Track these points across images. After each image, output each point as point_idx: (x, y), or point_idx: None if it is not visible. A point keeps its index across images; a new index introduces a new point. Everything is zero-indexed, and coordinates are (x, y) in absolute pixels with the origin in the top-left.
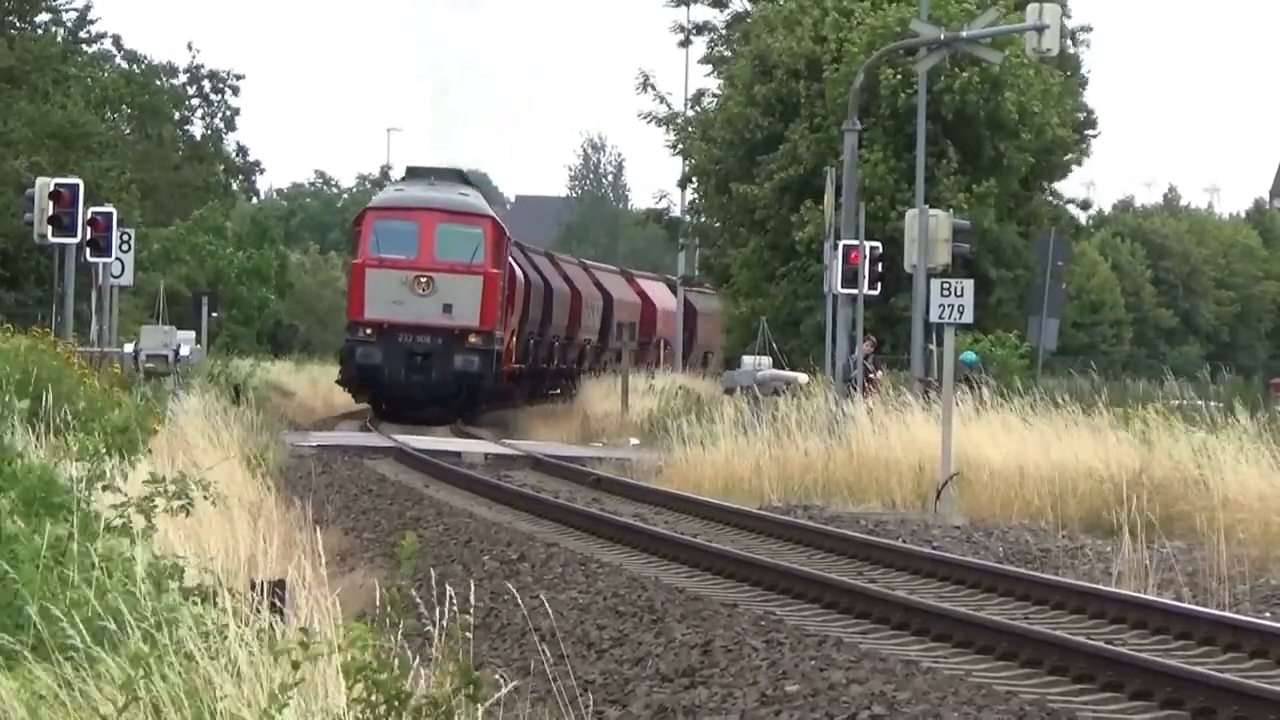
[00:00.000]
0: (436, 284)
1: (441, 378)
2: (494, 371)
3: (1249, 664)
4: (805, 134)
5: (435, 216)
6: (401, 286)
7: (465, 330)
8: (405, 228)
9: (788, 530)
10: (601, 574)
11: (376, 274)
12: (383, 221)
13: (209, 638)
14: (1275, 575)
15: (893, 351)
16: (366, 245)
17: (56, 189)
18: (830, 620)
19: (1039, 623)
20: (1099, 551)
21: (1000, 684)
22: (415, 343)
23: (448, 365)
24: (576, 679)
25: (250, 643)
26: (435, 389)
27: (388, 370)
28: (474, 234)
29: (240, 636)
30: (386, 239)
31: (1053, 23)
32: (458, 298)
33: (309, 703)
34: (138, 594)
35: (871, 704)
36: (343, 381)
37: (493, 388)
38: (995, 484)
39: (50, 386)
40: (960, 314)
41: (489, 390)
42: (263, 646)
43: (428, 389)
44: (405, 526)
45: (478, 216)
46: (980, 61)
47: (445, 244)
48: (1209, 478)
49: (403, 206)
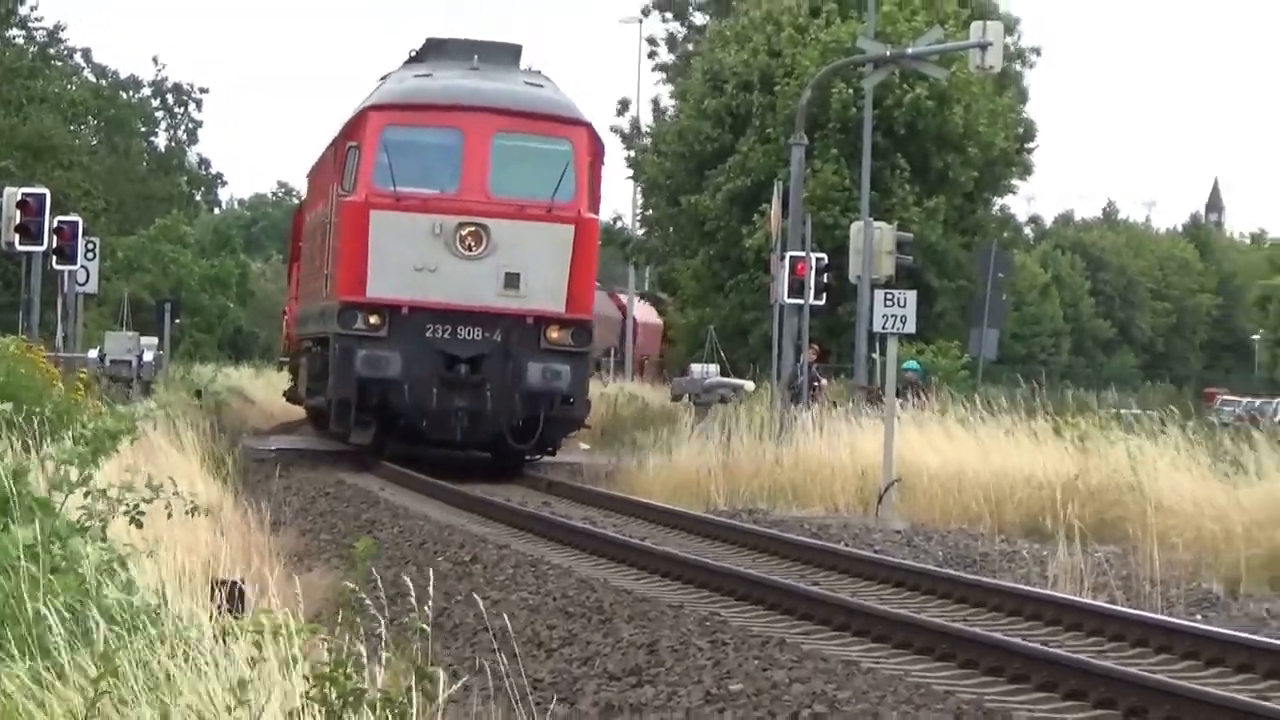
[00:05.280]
0: (493, 238)
1: (502, 401)
2: (586, 388)
3: (1180, 665)
4: (756, 146)
5: (491, 120)
6: (433, 242)
7: (544, 318)
8: (439, 140)
9: (733, 534)
10: (551, 575)
11: (389, 220)
12: (399, 129)
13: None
14: (1207, 579)
15: (838, 360)
16: (370, 170)
17: (24, 198)
18: (774, 621)
19: (977, 624)
20: (1036, 555)
21: (938, 684)
22: (456, 340)
23: (515, 379)
24: (527, 677)
25: (208, 640)
26: (492, 420)
27: (410, 388)
28: (558, 151)
29: (198, 635)
30: (406, 159)
31: (995, 40)
32: (530, 262)
33: (266, 700)
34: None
35: (813, 703)
36: (321, 409)
37: (583, 416)
38: (935, 489)
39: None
40: (903, 324)
41: (578, 420)
42: (220, 643)
43: (479, 420)
44: (361, 529)
45: (563, 121)
46: (930, 77)
47: (510, 169)
48: (1143, 484)
49: (433, 103)
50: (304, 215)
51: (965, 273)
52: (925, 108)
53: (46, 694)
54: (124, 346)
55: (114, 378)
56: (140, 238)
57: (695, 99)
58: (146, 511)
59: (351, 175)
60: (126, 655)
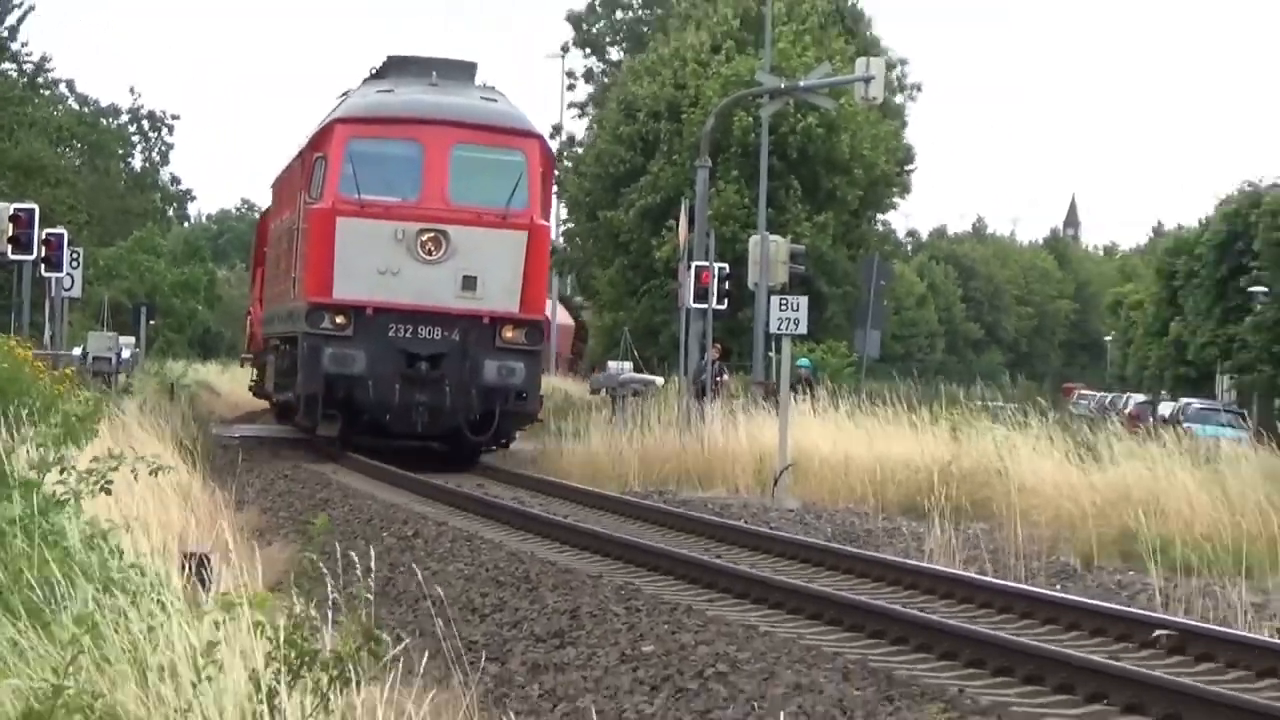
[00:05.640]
0: (452, 243)
1: (461, 396)
2: (539, 384)
3: (1042, 629)
4: (665, 168)
5: (450, 132)
6: (395, 247)
7: (499, 319)
8: (401, 151)
9: (646, 512)
10: (484, 549)
11: (354, 226)
12: (363, 141)
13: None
14: (1064, 553)
15: (739, 358)
16: (336, 179)
17: (15, 213)
18: (682, 590)
19: (862, 593)
20: (914, 532)
21: (828, 646)
22: (417, 339)
23: (472, 376)
24: (462, 639)
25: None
26: (451, 414)
27: (374, 384)
28: (512, 162)
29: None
30: (370, 169)
31: (878, 75)
32: (487, 266)
33: (232, 657)
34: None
35: (716, 663)
36: (289, 403)
37: (536, 410)
38: (825, 473)
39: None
40: (796, 326)
41: (531, 414)
42: (190, 609)
43: (439, 415)
44: (315, 507)
45: (516, 133)
46: (820, 107)
47: (467, 178)
48: (1009, 468)
49: (395, 116)
50: (268, 223)
51: (851, 280)
52: (816, 134)
53: (33, 653)
54: (105, 345)
55: (96, 373)
56: (119, 248)
57: (611, 126)
58: (114, 480)
59: (319, 184)
60: (106, 618)
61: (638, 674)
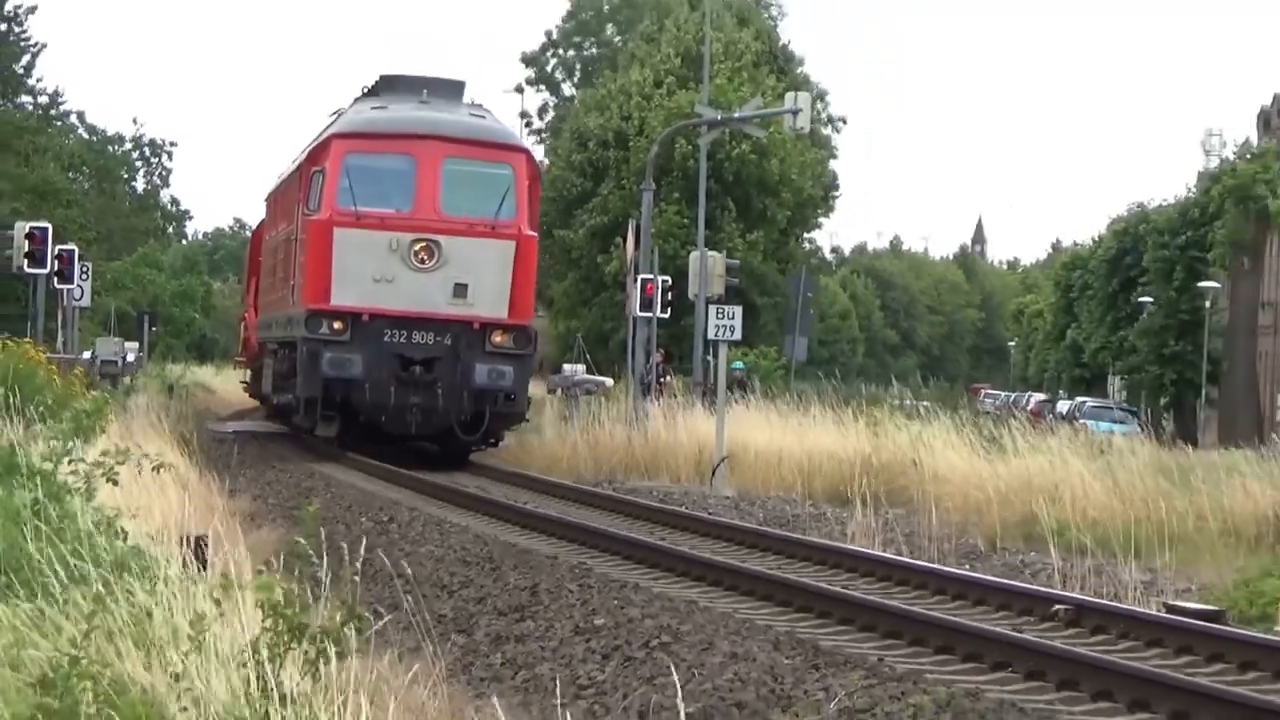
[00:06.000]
0: (444, 252)
1: (452, 398)
2: (527, 386)
3: (953, 604)
4: (613, 191)
5: (441, 147)
6: (390, 256)
7: (489, 324)
8: (395, 165)
9: (597, 499)
10: (453, 532)
11: (351, 237)
12: (359, 156)
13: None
14: (972, 536)
15: (680, 361)
16: (333, 191)
17: (31, 231)
18: (630, 569)
19: (790, 572)
20: (837, 517)
21: (760, 619)
22: (411, 343)
23: (463, 378)
24: (432, 613)
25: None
26: (443, 415)
27: (370, 386)
28: (500, 175)
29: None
30: (365, 182)
31: (804, 107)
32: (477, 274)
33: (229, 631)
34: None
35: (660, 634)
36: (288, 405)
37: (524, 411)
38: (758, 464)
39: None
40: (732, 333)
41: (519, 415)
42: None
43: (432, 415)
44: (301, 495)
45: (504, 148)
46: (752, 136)
47: (458, 190)
48: (923, 460)
49: (389, 132)
50: (262, 235)
51: (780, 292)
52: (749, 161)
53: (48, 627)
54: (111, 349)
55: (103, 374)
56: (124, 263)
57: (564, 154)
58: (120, 473)
59: (317, 196)
60: (115, 594)
61: (590, 644)
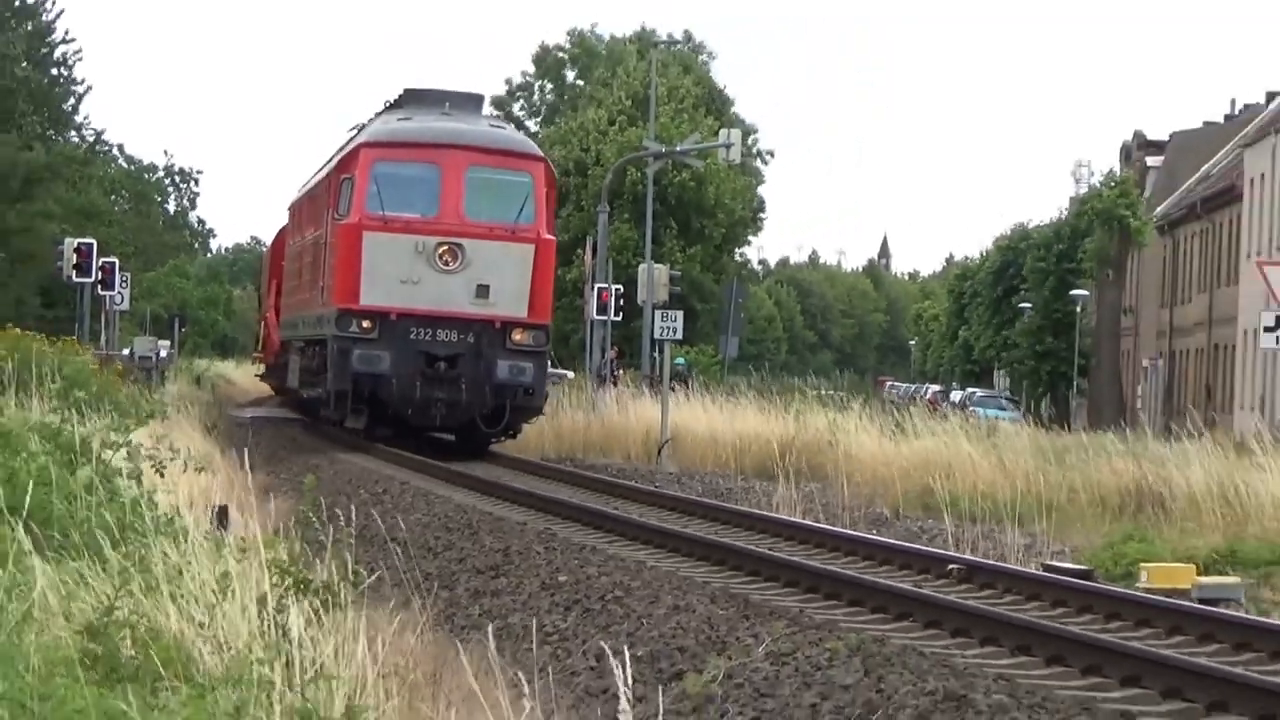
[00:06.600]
0: (467, 255)
1: (475, 393)
2: (545, 381)
3: (863, 564)
4: (574, 212)
5: (465, 156)
6: (416, 259)
7: (509, 323)
8: (420, 173)
9: (560, 474)
10: (438, 502)
11: (379, 240)
12: (387, 164)
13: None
14: (879, 506)
15: (631, 358)
16: (362, 197)
17: (79, 246)
18: (587, 534)
19: (724, 536)
20: (764, 490)
21: (699, 576)
22: (436, 341)
23: (485, 374)
24: (420, 571)
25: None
26: (466, 409)
27: (397, 382)
28: (520, 182)
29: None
30: (393, 189)
31: (736, 142)
32: (498, 275)
33: (246, 585)
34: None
35: (614, 589)
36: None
37: (542, 405)
38: (696, 445)
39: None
40: (675, 333)
41: (537, 408)
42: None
43: (456, 409)
44: (308, 470)
45: (524, 157)
46: (691, 166)
47: (480, 197)
48: (838, 441)
49: (415, 142)
50: (285, 241)
51: (715, 298)
52: (689, 187)
53: (96, 583)
54: (147, 347)
55: (141, 368)
56: (157, 273)
57: None
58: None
59: (346, 202)
60: (152, 554)
61: (554, 598)
